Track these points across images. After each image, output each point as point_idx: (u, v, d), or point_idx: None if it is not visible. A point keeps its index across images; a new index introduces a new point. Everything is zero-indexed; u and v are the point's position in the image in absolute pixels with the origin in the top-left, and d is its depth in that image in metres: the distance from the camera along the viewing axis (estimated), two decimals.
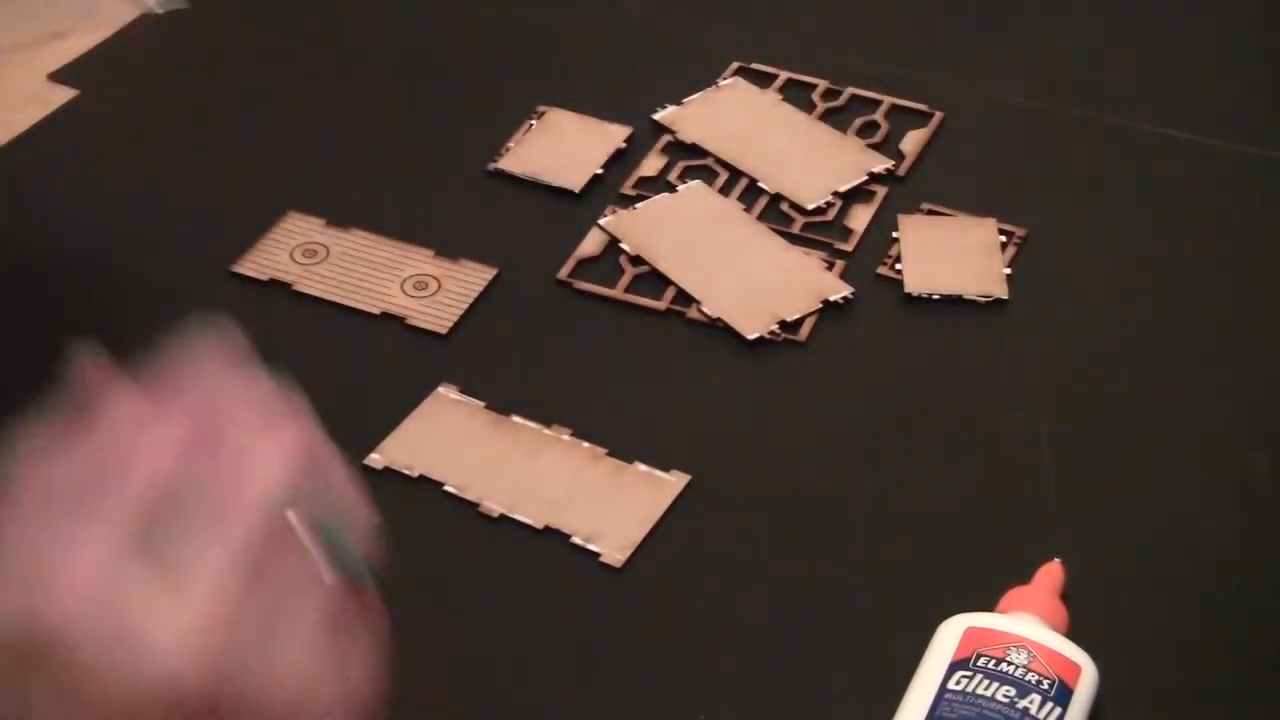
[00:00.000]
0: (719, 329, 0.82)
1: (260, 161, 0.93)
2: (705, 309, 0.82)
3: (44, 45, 1.02)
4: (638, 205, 0.89)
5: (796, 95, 0.96)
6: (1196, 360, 0.81)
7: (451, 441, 0.77)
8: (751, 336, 0.81)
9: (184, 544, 0.43)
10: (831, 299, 0.83)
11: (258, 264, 0.86)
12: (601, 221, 0.88)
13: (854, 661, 0.68)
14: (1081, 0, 1.06)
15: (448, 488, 0.75)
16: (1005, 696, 0.62)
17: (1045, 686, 0.63)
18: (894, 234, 0.87)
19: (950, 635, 0.65)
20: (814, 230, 0.87)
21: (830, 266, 0.85)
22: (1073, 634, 0.65)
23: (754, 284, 0.84)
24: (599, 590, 0.71)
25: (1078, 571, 0.69)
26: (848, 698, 0.66)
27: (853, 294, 0.83)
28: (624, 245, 0.86)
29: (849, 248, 0.86)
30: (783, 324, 0.82)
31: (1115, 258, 0.86)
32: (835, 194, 0.89)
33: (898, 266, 0.85)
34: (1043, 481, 0.75)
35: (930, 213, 0.88)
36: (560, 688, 0.67)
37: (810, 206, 0.89)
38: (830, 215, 0.88)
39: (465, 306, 0.83)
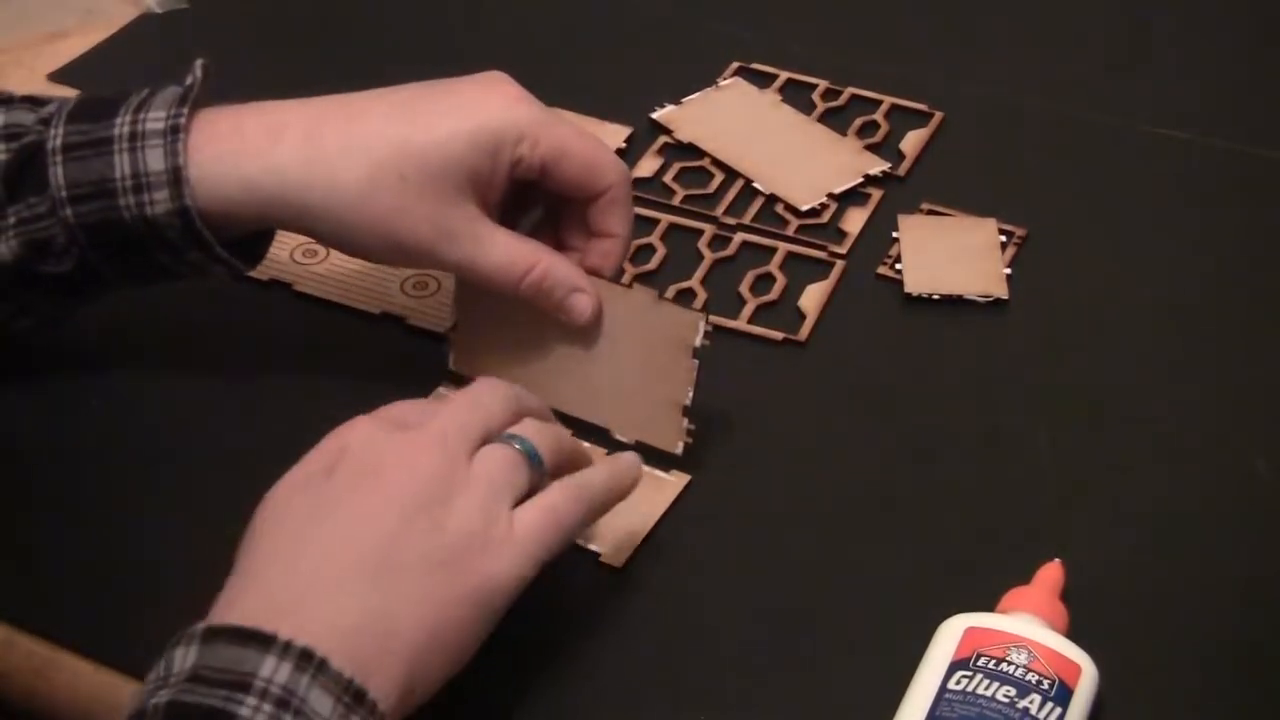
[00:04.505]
0: (717, 330, 0.82)
1: None
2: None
3: (44, 45, 1.02)
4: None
5: (797, 95, 0.96)
6: (1197, 360, 0.81)
7: None
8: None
9: None
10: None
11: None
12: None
13: (854, 662, 0.68)
14: (1082, 0, 1.06)
15: None
16: (1005, 696, 0.62)
17: (1045, 686, 0.63)
18: (894, 234, 0.87)
19: (950, 635, 0.65)
20: (808, 232, 0.87)
21: (830, 265, 0.85)
22: (1073, 634, 0.65)
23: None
24: (599, 590, 0.71)
25: (1078, 571, 0.69)
26: (848, 698, 0.66)
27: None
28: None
29: (843, 250, 0.86)
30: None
31: (1115, 258, 0.86)
32: (830, 195, 0.89)
33: (898, 266, 0.85)
34: (1043, 482, 0.75)
35: (930, 213, 0.88)
36: (560, 688, 0.67)
37: (804, 208, 0.89)
38: (825, 217, 0.88)
39: None
